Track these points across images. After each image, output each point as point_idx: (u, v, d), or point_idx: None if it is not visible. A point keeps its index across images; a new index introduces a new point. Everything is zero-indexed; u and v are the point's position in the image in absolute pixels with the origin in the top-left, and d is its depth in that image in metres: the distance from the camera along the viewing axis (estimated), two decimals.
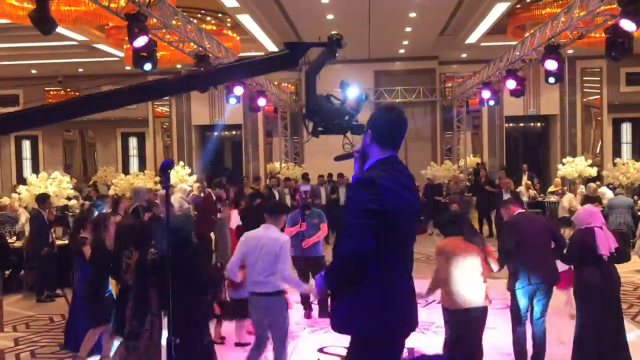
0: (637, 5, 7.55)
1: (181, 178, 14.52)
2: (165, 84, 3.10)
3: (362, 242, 2.68)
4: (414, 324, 2.94)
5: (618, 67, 19.05)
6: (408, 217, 2.86)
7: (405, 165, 3.02)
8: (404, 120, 3.05)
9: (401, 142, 3.00)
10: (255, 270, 4.95)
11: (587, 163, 15.79)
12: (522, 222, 5.59)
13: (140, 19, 7.93)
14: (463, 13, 14.77)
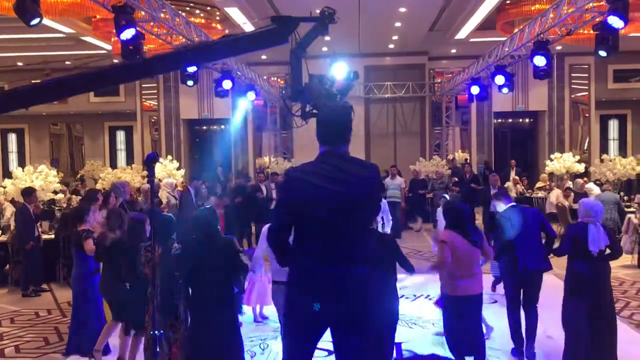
0: (625, 2, 7.58)
1: (169, 172, 14.45)
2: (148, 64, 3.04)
3: (274, 224, 3.16)
4: (328, 308, 2.95)
5: (606, 64, 19.18)
6: (321, 205, 2.96)
7: (347, 159, 3.08)
8: (333, 119, 3.10)
9: (339, 137, 3.07)
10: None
11: (575, 159, 15.90)
12: (515, 214, 5.79)
13: (127, 11, 7.84)
14: (453, 8, 14.77)
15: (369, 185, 3.07)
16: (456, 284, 5.12)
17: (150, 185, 2.75)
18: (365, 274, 3.01)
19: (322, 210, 2.96)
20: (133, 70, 3.35)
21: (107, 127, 23.21)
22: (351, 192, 2.98)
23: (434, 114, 20.79)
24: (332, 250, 2.97)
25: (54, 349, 6.52)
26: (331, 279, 2.95)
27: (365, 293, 2.99)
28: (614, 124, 22.02)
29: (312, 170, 3.07)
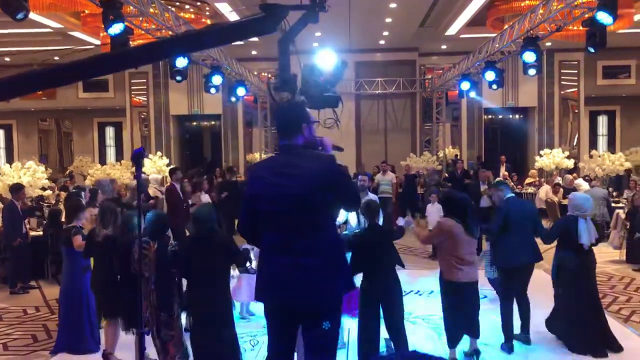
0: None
1: (159, 168, 14.38)
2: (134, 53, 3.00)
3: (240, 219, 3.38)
4: (291, 298, 3.05)
5: (595, 60, 19.28)
6: (274, 199, 3.06)
7: (299, 153, 3.12)
8: (279, 115, 3.24)
9: (292, 130, 3.13)
10: None
11: (564, 155, 15.98)
12: (512, 206, 5.98)
13: (116, 6, 7.78)
14: (443, 4, 14.78)
15: (318, 177, 3.04)
16: (456, 271, 5.28)
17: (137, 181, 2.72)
18: (317, 267, 3.02)
19: (273, 205, 3.05)
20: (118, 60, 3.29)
21: (96, 123, 23.07)
22: (298, 186, 3.02)
23: (425, 110, 20.81)
24: (284, 243, 3.05)
25: (42, 347, 6.47)
26: (284, 272, 3.04)
27: (317, 285, 3.01)
28: (603, 120, 22.17)
29: (266, 165, 3.24)
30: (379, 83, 19.71)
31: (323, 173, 3.06)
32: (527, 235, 5.93)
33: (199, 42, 3.74)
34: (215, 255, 4.77)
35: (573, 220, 5.73)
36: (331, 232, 3.14)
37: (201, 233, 4.89)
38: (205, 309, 4.77)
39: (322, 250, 3.05)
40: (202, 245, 4.83)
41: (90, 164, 18.88)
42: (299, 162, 3.07)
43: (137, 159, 2.73)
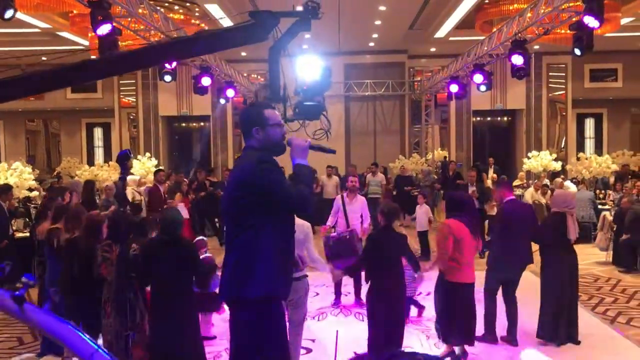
0: (600, 2, 7.69)
1: (148, 170, 14.32)
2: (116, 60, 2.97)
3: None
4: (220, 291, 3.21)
5: (582, 63, 19.45)
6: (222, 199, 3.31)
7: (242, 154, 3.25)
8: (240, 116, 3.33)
9: (245, 134, 3.18)
10: None
11: (552, 157, 16.10)
12: (512, 210, 6.08)
13: (104, 6, 7.74)
14: (432, 7, 14.84)
15: (237, 179, 3.11)
16: (456, 271, 5.30)
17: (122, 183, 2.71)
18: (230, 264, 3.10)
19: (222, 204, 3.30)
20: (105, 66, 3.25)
21: (84, 124, 22.93)
22: (227, 187, 3.21)
23: (414, 112, 20.88)
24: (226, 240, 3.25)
25: (28, 349, 6.42)
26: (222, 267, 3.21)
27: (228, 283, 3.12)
28: (590, 123, 22.35)
29: None
30: (368, 85, 19.76)
31: (241, 174, 3.09)
32: (523, 239, 6.01)
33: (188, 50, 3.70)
34: (178, 260, 4.68)
35: (562, 218, 5.85)
36: (249, 234, 3.04)
37: (165, 236, 4.79)
38: (167, 315, 4.63)
39: (237, 250, 3.08)
40: (164, 249, 4.72)
41: (78, 165, 18.77)
42: (237, 164, 3.18)
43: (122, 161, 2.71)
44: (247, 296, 3.01)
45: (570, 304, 6.02)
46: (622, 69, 20.59)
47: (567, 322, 5.99)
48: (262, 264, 3.03)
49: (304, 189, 3.05)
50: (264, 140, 3.13)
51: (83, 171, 14.77)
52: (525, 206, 6.61)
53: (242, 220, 3.05)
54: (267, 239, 3.03)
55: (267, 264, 3.04)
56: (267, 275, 3.04)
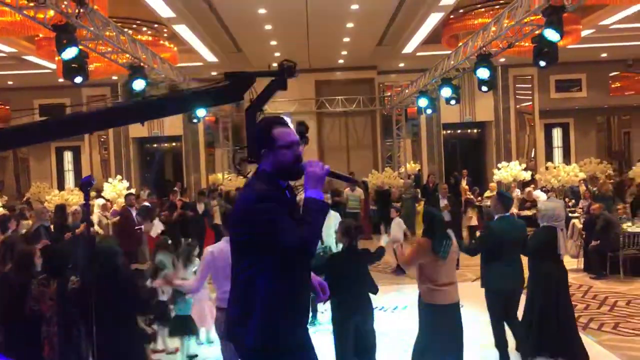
0: (560, 16, 7.89)
1: (119, 193, 14.14)
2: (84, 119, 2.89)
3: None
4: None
5: (547, 74, 19.88)
6: None
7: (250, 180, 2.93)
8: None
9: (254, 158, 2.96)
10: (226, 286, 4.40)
11: (522, 167, 16.34)
12: (504, 227, 5.74)
13: (69, 30, 7.68)
14: (399, 23, 15.06)
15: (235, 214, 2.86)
16: (436, 293, 5.04)
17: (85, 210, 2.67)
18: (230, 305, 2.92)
19: None
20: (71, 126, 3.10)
21: (53, 148, 22.59)
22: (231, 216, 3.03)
23: (385, 126, 21.06)
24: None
25: None
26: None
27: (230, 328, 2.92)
28: (557, 132, 22.81)
29: None
30: (340, 101, 19.89)
31: (241, 208, 2.80)
32: (517, 256, 5.80)
33: (159, 111, 3.51)
34: (118, 295, 4.48)
35: (553, 232, 5.72)
36: (249, 274, 2.77)
37: (104, 270, 4.53)
38: (109, 352, 4.44)
39: (237, 289, 2.85)
40: (102, 282, 4.43)
41: (48, 190, 18.43)
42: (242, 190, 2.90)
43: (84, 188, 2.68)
44: (241, 342, 2.77)
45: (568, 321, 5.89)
46: (585, 79, 21.11)
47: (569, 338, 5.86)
48: (260, 311, 2.71)
49: (308, 231, 2.61)
50: (273, 164, 2.78)
51: (53, 196, 14.50)
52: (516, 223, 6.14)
53: (242, 258, 2.79)
54: (268, 282, 2.71)
55: (265, 312, 2.71)
56: (264, 324, 2.71)
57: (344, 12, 13.30)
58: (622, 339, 6.76)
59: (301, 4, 12.37)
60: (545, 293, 5.85)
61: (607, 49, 18.77)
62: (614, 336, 6.87)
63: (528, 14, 8.90)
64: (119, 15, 12.81)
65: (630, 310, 7.93)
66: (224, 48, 16.63)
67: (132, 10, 13.27)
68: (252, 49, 16.75)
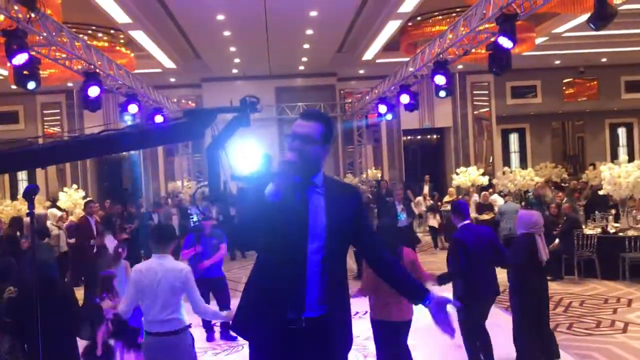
0: (513, 23, 8.07)
1: (75, 202, 13.81)
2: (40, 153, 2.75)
3: None
4: None
5: (504, 81, 20.32)
6: None
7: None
8: None
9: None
10: (154, 309, 4.27)
11: (479, 172, 16.64)
12: (468, 237, 5.59)
13: (19, 35, 7.46)
14: (358, 30, 15.18)
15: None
16: (391, 308, 4.88)
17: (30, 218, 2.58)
18: None
19: None
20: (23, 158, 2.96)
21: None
22: None
23: (346, 133, 21.15)
24: None
25: None
26: None
27: None
28: (514, 138, 23.35)
29: None
30: (300, 108, 19.87)
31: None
32: (487, 266, 5.62)
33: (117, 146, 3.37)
34: (54, 309, 4.24)
35: (533, 239, 5.57)
36: None
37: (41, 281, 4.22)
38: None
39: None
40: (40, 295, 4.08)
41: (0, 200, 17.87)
42: None
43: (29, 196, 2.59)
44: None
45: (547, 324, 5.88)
46: (540, 85, 21.66)
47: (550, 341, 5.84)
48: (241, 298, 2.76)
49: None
50: None
51: (5, 206, 14.08)
52: (481, 230, 5.95)
53: None
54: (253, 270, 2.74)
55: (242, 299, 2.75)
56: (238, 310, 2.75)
57: (304, 19, 13.33)
58: (575, 339, 6.91)
59: (260, 10, 12.33)
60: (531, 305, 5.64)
61: (561, 56, 19.32)
62: (569, 336, 7.02)
63: (482, 22, 9.07)
64: (73, 21, 12.56)
65: (584, 311, 8.12)
66: (182, 54, 16.47)
67: (88, 15, 13.01)
68: (211, 55, 16.63)
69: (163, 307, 4.24)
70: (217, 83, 19.62)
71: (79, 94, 17.85)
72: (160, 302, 4.25)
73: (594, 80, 21.97)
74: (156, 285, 4.26)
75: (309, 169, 2.63)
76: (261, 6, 12.07)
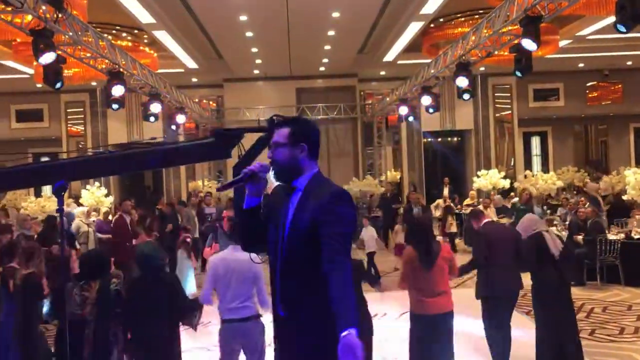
0: (537, 26, 8.00)
1: (97, 200, 13.98)
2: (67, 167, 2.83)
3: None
4: None
5: (526, 83, 20.14)
6: None
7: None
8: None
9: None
10: (228, 297, 4.66)
11: (501, 175, 16.49)
12: (491, 232, 5.84)
13: (46, 35, 7.58)
14: (380, 32, 15.15)
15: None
16: (425, 302, 4.96)
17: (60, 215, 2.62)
18: None
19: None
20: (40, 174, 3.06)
21: (30, 154, 22.26)
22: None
23: (366, 134, 21.13)
24: None
25: None
26: None
27: None
28: (536, 141, 23.10)
29: None
30: (321, 109, 19.91)
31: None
32: (509, 262, 5.68)
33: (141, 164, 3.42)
34: (161, 299, 4.50)
35: (539, 236, 5.65)
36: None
37: (145, 273, 4.62)
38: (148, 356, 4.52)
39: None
40: (146, 286, 4.54)
41: (24, 197, 18.15)
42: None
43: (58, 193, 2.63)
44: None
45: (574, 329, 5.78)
46: (563, 88, 21.41)
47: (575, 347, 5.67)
48: None
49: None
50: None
51: (29, 203, 14.29)
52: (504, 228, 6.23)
53: None
54: None
55: None
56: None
57: (326, 20, 13.35)
58: (598, 345, 6.82)
59: (282, 11, 12.38)
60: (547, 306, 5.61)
61: (585, 59, 19.07)
62: (591, 342, 6.93)
63: (506, 24, 9.01)
64: (98, 21, 12.72)
65: (606, 317, 8.02)
66: (204, 54, 16.59)
67: (112, 16, 13.17)
68: (233, 56, 16.73)
69: (235, 295, 4.62)
70: (238, 83, 19.74)
71: (102, 93, 18.08)
72: (232, 290, 4.63)
73: (618, 83, 21.65)
74: (230, 275, 4.65)
75: (283, 173, 2.65)
76: (283, 7, 12.12)
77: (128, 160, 3.08)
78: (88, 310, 4.57)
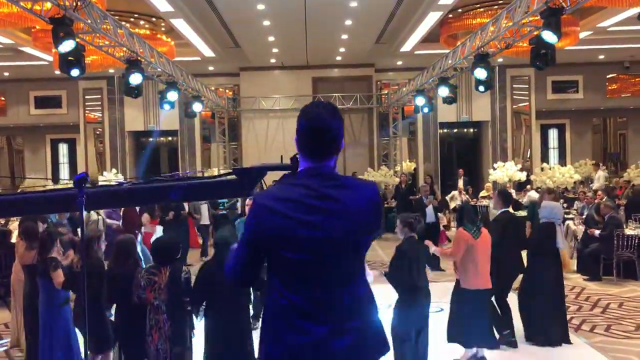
0: (558, 18, 7.90)
1: None
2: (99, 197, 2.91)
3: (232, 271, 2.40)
4: None
5: (544, 75, 19.89)
6: (299, 244, 2.21)
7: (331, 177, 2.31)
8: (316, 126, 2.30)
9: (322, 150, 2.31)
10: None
11: (517, 168, 16.36)
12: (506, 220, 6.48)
13: (66, 23, 7.64)
14: (397, 21, 15.04)
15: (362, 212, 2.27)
16: (474, 278, 5.61)
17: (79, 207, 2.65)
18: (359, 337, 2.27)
19: (301, 251, 2.21)
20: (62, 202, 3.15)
21: (48, 140, 22.53)
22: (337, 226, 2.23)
23: (382, 124, 21.05)
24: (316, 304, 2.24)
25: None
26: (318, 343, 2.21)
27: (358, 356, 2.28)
28: (553, 133, 22.86)
29: (286, 196, 2.26)
30: (337, 98, 19.86)
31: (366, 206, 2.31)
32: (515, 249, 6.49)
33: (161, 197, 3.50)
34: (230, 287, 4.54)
35: (552, 227, 6.27)
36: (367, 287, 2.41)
37: (223, 257, 4.57)
38: (224, 340, 4.61)
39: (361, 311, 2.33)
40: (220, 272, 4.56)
41: (43, 182, 18.38)
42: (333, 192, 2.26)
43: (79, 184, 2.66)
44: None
45: (561, 307, 6.51)
46: (582, 80, 21.14)
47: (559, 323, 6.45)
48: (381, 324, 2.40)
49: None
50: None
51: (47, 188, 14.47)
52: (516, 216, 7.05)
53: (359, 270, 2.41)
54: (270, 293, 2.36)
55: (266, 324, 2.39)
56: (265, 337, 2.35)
57: (343, 9, 13.29)
58: (613, 341, 6.78)
59: (300, 1, 12.33)
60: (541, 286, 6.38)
61: (605, 51, 18.81)
62: (606, 338, 6.89)
63: (526, 15, 8.91)
64: (116, 9, 12.78)
65: (622, 313, 7.96)
66: (221, 43, 16.59)
67: (130, 4, 13.22)
68: (250, 45, 16.72)
69: None
70: (254, 72, 19.75)
71: (120, 80, 18.17)
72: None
73: (639, 76, 21.34)
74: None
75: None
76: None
77: (151, 193, 3.15)
78: (155, 295, 4.62)
